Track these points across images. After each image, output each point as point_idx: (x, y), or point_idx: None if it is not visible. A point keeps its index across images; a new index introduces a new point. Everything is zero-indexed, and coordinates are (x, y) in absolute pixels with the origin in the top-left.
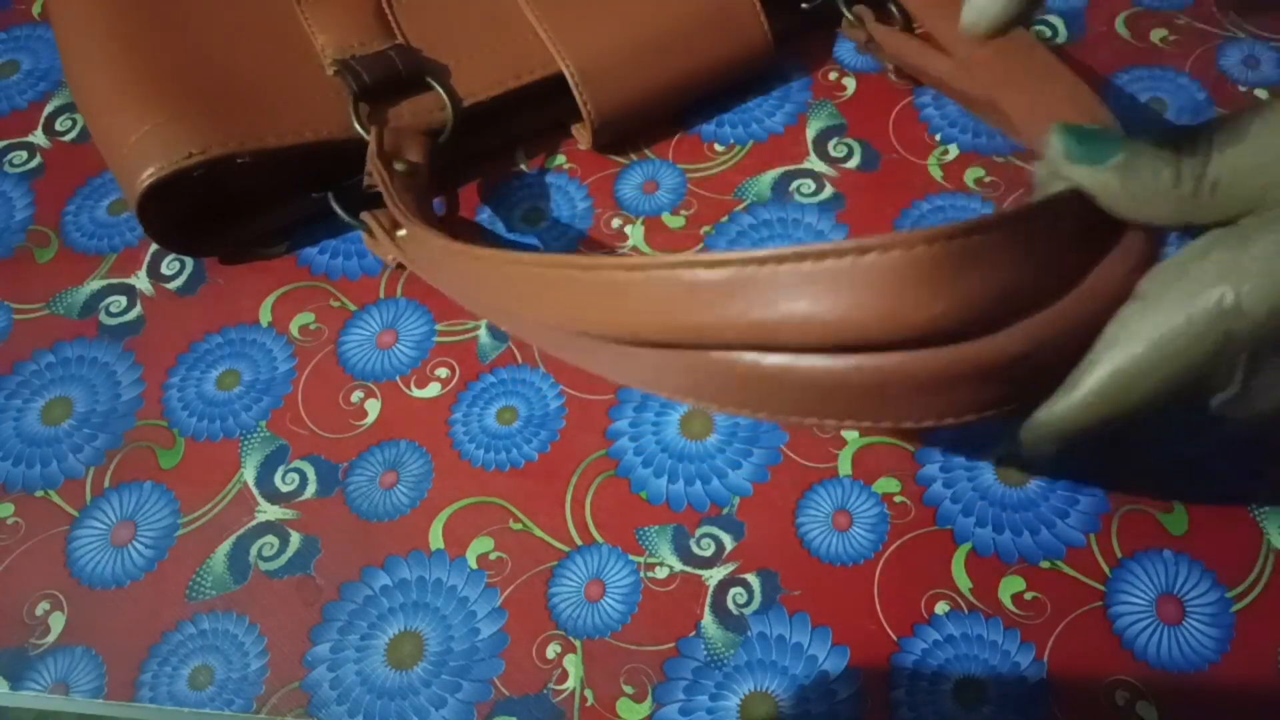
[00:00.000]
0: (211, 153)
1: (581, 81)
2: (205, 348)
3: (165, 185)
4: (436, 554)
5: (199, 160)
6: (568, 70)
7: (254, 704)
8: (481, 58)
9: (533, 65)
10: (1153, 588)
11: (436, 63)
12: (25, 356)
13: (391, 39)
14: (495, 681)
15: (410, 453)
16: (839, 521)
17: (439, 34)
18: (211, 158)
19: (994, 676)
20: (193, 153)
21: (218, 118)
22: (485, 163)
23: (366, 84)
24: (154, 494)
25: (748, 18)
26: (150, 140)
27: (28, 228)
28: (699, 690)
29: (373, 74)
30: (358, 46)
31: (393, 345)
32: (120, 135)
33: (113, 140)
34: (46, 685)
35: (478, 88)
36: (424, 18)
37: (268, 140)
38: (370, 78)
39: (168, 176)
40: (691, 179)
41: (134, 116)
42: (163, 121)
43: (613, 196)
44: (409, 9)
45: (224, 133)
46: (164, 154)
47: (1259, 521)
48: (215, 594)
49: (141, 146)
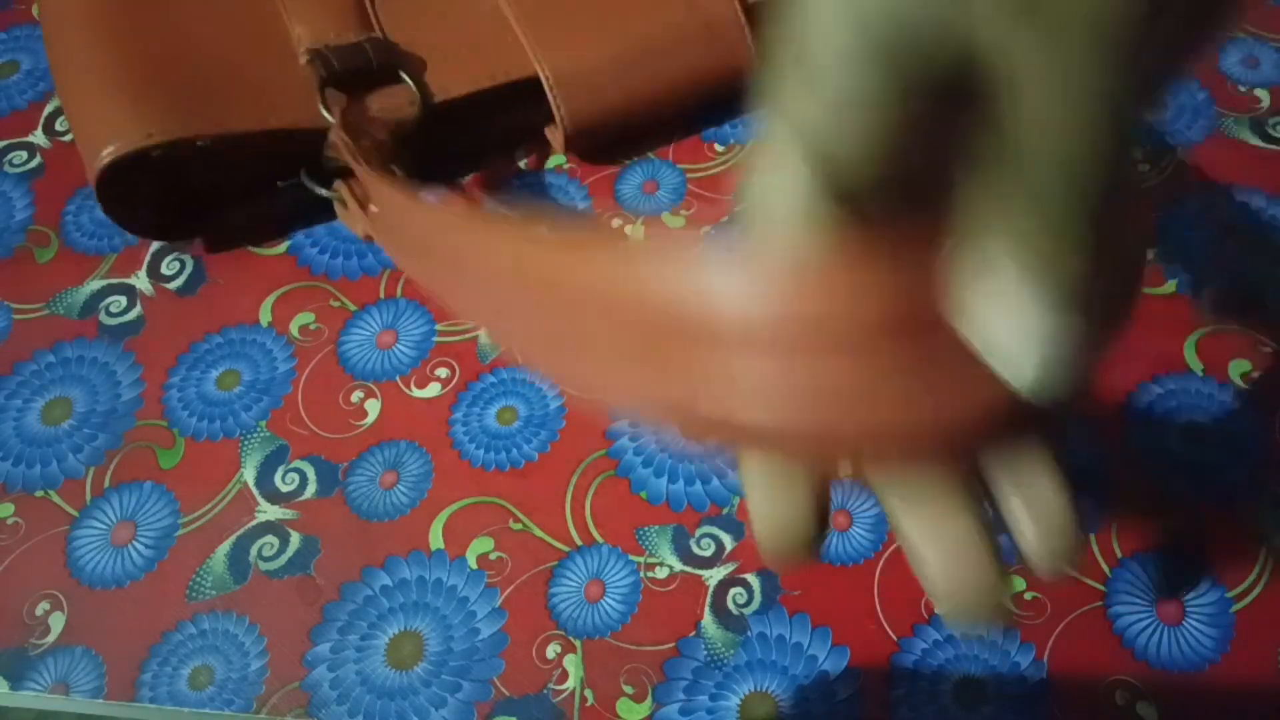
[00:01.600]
0: (172, 134)
1: (556, 86)
2: (205, 348)
3: (127, 166)
4: (436, 554)
5: (158, 141)
6: (543, 74)
7: (254, 704)
8: (458, 56)
9: (509, 67)
10: (1153, 588)
11: (412, 57)
12: (25, 356)
13: (368, 31)
14: (495, 681)
15: (410, 453)
16: (839, 521)
17: (417, 29)
18: (171, 139)
19: (994, 676)
20: (152, 133)
21: (182, 101)
22: (484, 162)
23: (336, 71)
24: (154, 494)
25: (733, 33)
26: (112, 120)
27: (28, 228)
28: (699, 690)
29: (343, 63)
30: (333, 37)
31: (393, 345)
32: (86, 115)
33: (80, 121)
34: (46, 685)
35: (451, 85)
36: (404, 12)
37: (230, 125)
38: (340, 66)
39: (125, 156)
40: (691, 179)
41: (100, 98)
42: (127, 103)
43: (613, 196)
44: (390, 4)
45: (186, 115)
46: (124, 134)
47: (1259, 521)
48: (215, 594)
49: (103, 126)
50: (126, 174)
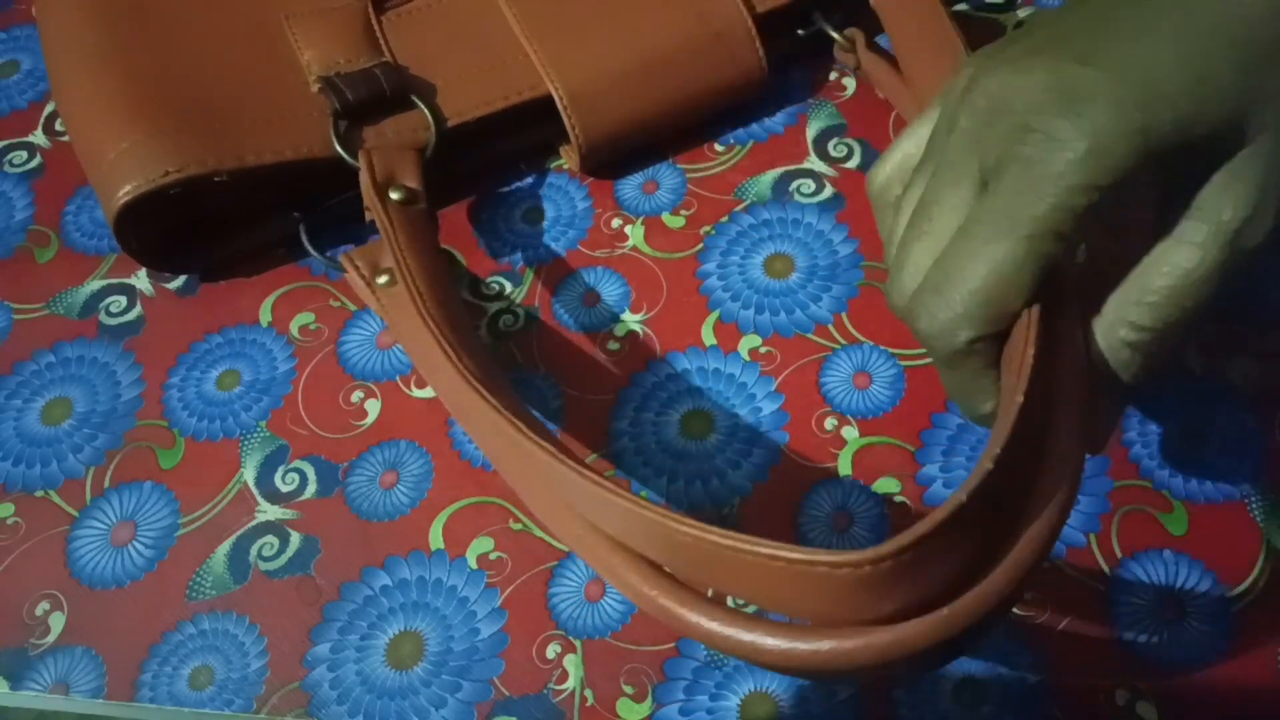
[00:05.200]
0: (189, 171)
1: (570, 105)
2: (205, 348)
3: (143, 202)
4: (436, 554)
5: (176, 179)
6: (556, 93)
7: (254, 704)
8: (470, 77)
9: (521, 87)
10: (1153, 588)
11: (423, 81)
12: (25, 356)
13: (379, 56)
14: (495, 681)
15: (410, 453)
16: (839, 521)
17: (427, 52)
18: (189, 176)
19: (994, 676)
20: (169, 171)
21: (197, 135)
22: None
23: (349, 101)
24: (154, 494)
25: (743, 44)
26: (128, 157)
27: (28, 228)
28: (699, 690)
29: (356, 91)
30: (344, 63)
31: (392, 345)
32: (99, 151)
33: (92, 156)
34: (46, 685)
35: (464, 107)
36: (413, 36)
37: (246, 159)
38: (353, 95)
39: (144, 195)
40: (691, 179)
41: (113, 132)
42: (141, 139)
43: (613, 196)
44: (398, 27)
45: (202, 150)
46: (141, 172)
47: (1259, 521)
48: (215, 594)
49: (119, 164)
50: (142, 210)
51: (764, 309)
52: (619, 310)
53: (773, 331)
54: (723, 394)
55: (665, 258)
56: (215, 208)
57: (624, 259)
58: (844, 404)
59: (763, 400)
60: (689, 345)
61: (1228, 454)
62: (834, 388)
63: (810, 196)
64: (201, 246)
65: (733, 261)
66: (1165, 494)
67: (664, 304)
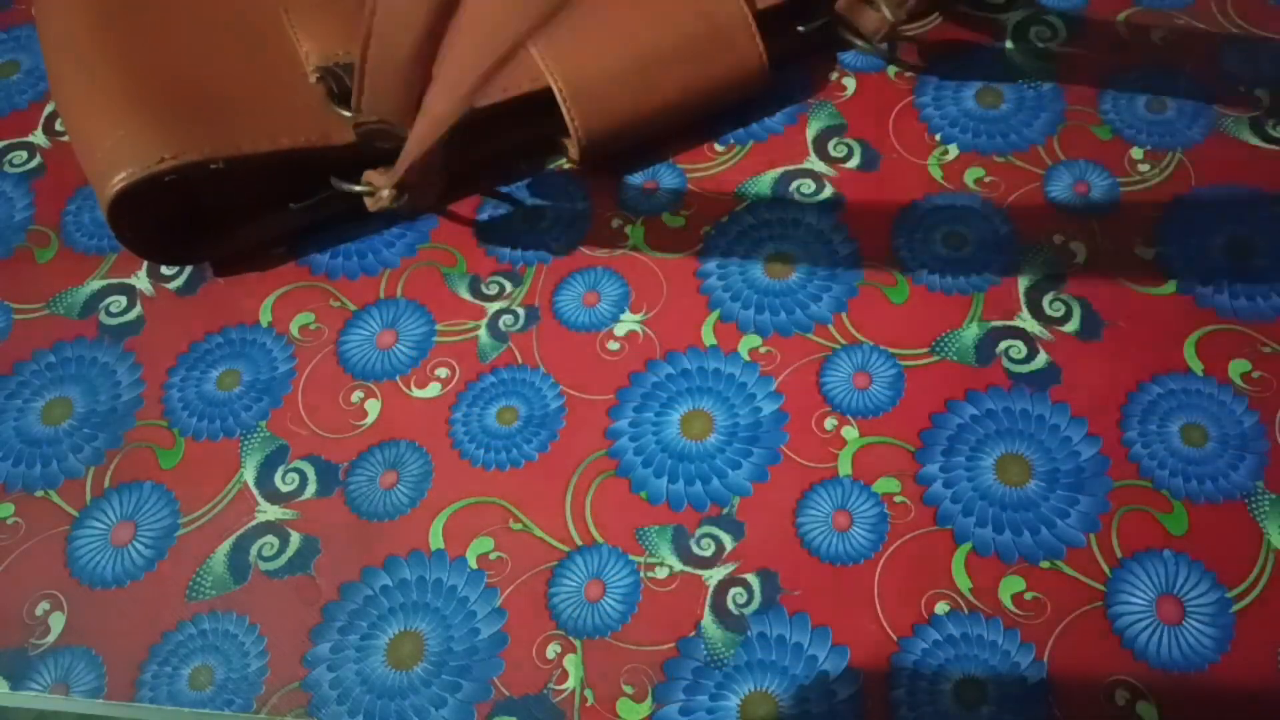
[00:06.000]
0: (184, 158)
1: (570, 98)
2: (205, 348)
3: (138, 192)
4: (436, 554)
5: (171, 165)
6: (556, 86)
7: (254, 704)
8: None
9: (521, 79)
10: (1153, 588)
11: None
12: (25, 356)
13: None
14: (495, 681)
15: (410, 453)
16: (839, 521)
17: None
18: (184, 163)
19: (994, 676)
20: (165, 157)
21: (193, 123)
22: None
23: (347, 88)
24: (154, 494)
25: (744, 41)
26: (123, 145)
27: (28, 228)
28: (699, 690)
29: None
30: (343, 54)
31: (393, 345)
32: (94, 141)
33: (88, 147)
34: (46, 685)
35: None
36: None
37: (242, 146)
38: (350, 83)
39: (139, 182)
40: (691, 179)
41: (108, 122)
42: (136, 127)
43: (613, 196)
44: None
45: (199, 138)
46: (136, 159)
47: (1259, 521)
48: (215, 594)
49: (114, 152)
50: (138, 199)
51: (764, 309)
52: (619, 310)
53: (773, 331)
54: (723, 394)
55: (665, 258)
56: (212, 202)
57: (624, 259)
58: (844, 404)
59: (763, 400)
60: (689, 345)
61: (1228, 454)
62: (834, 388)
63: (810, 196)
64: (199, 241)
65: (733, 261)
66: (1165, 494)
67: (664, 304)
